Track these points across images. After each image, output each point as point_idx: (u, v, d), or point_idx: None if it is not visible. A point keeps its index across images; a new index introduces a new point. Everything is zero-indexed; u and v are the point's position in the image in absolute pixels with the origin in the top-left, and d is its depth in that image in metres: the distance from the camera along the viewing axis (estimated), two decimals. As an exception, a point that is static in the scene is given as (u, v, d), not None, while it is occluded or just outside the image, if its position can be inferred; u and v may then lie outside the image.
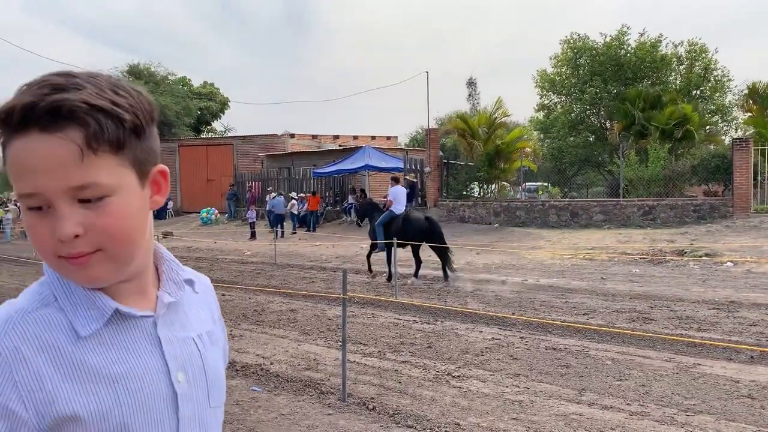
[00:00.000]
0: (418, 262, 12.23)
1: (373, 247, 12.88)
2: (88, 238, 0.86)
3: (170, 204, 34.21)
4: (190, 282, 1.08)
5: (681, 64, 28.37)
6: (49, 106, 0.82)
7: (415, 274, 12.17)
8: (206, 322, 1.08)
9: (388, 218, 12.54)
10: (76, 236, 0.84)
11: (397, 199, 12.75)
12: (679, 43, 28.19)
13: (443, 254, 11.86)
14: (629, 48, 27.46)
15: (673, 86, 27.66)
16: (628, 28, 27.54)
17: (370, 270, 13.06)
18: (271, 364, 6.60)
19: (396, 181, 13.56)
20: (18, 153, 0.83)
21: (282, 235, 20.56)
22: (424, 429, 4.73)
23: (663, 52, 27.47)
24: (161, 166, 0.96)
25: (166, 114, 35.66)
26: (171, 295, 1.01)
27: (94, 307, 0.91)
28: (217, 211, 30.47)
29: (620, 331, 7.50)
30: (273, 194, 25.20)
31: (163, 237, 20.08)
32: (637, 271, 12.56)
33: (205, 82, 47.33)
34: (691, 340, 6.99)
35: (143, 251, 0.96)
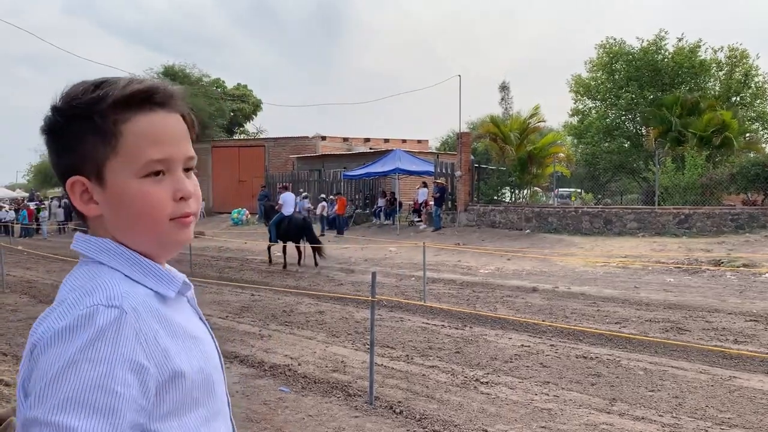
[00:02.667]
0: (300, 253, 15.36)
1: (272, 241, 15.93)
2: (192, 201, 1.03)
3: (202, 204, 34.67)
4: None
5: (720, 70, 27.75)
6: (171, 92, 1.02)
7: (298, 262, 15.27)
8: None
9: (279, 218, 15.47)
10: (186, 199, 1.02)
11: (286, 203, 15.77)
12: (719, 49, 27.59)
13: (315, 247, 15.10)
14: (667, 53, 26.96)
15: (712, 92, 27.07)
16: (666, 32, 27.08)
17: (270, 260, 16.07)
18: (299, 365, 6.62)
19: (285, 188, 16.79)
20: (151, 125, 0.98)
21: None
22: (451, 435, 4.69)
23: (702, 58, 26.89)
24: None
25: (200, 115, 36.13)
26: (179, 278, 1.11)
27: (166, 278, 1.03)
28: (248, 212, 30.72)
29: (653, 339, 7.35)
30: (304, 194, 25.36)
31: (195, 237, 20.30)
32: (672, 280, 12.30)
33: (238, 84, 47.90)
34: (727, 351, 6.81)
35: None
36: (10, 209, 36.21)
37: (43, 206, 34.87)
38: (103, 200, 0.99)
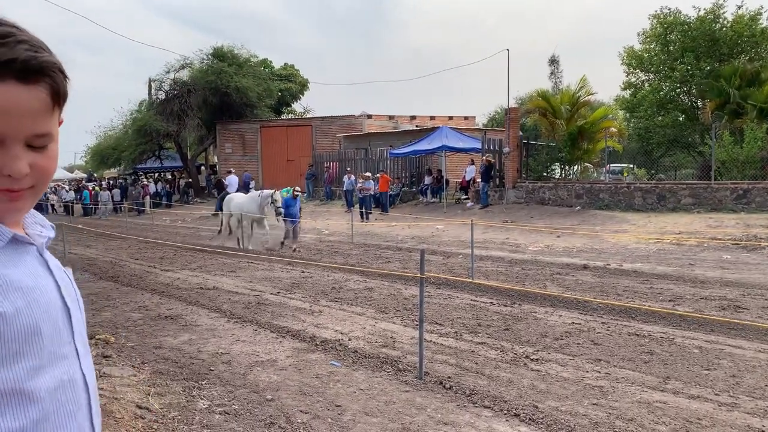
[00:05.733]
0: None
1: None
2: (30, 177, 1.00)
3: (252, 183, 35.23)
4: (53, 227, 1.18)
5: (784, 38, 26.44)
6: (29, 62, 0.94)
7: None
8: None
9: (225, 196, 19.42)
10: (12, 176, 0.97)
11: (231, 184, 21.03)
12: (783, 15, 26.27)
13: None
14: (725, 22, 25.83)
15: (774, 62, 25.86)
16: (724, 0, 25.93)
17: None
18: (349, 340, 6.73)
19: (230, 172, 23.37)
20: None
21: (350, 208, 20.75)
22: (502, 410, 4.71)
23: (763, 26, 25.68)
24: (62, 117, 1.07)
25: (249, 95, 36.52)
26: (43, 233, 1.11)
27: None
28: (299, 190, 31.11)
29: (709, 317, 7.18)
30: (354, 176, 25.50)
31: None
32: (729, 257, 11.94)
33: (285, 64, 48.06)
34: (787, 330, 6.60)
35: None
36: (70, 190, 37.62)
37: (102, 187, 36.08)
38: None
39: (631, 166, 31.51)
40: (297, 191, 17.05)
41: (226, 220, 17.23)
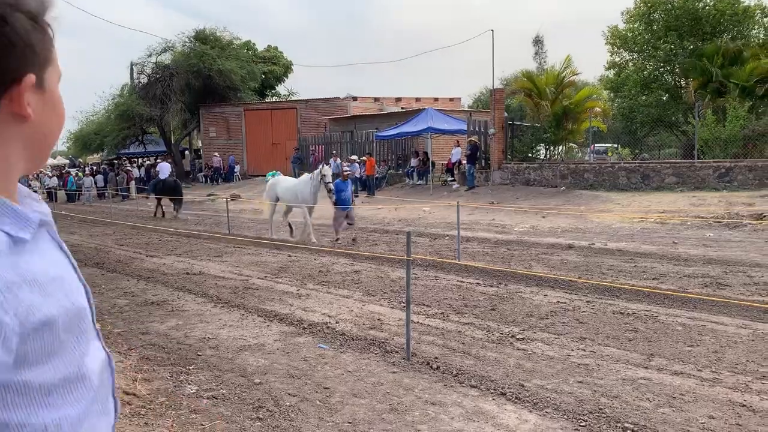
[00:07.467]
0: (174, 206, 20.69)
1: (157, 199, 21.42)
2: None
3: (237, 167, 35.02)
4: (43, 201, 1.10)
5: (765, 16, 26.55)
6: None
7: (176, 211, 20.53)
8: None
9: (156, 181, 21.74)
10: None
11: (162, 170, 22.29)
12: (765, -7, 26.35)
13: (178, 202, 20.57)
14: (708, 0, 25.92)
15: (756, 40, 25.94)
16: (707, -22, 25.93)
17: (155, 214, 21.13)
18: (337, 322, 6.75)
19: (164, 159, 24.57)
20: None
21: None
22: (488, 389, 4.76)
23: (745, 4, 25.78)
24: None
25: (232, 78, 36.17)
26: (41, 209, 1.00)
27: (22, 218, 0.88)
28: (282, 175, 30.98)
29: (692, 294, 7.27)
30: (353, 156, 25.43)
31: (231, 199, 20.62)
32: (711, 235, 12.08)
33: (269, 46, 47.60)
34: (768, 306, 6.70)
35: None
36: (52, 176, 37.21)
37: (86, 173, 35.72)
38: (40, 105, 0.91)
39: (616, 145, 31.70)
40: (347, 171, 14.23)
41: (270, 209, 15.26)
